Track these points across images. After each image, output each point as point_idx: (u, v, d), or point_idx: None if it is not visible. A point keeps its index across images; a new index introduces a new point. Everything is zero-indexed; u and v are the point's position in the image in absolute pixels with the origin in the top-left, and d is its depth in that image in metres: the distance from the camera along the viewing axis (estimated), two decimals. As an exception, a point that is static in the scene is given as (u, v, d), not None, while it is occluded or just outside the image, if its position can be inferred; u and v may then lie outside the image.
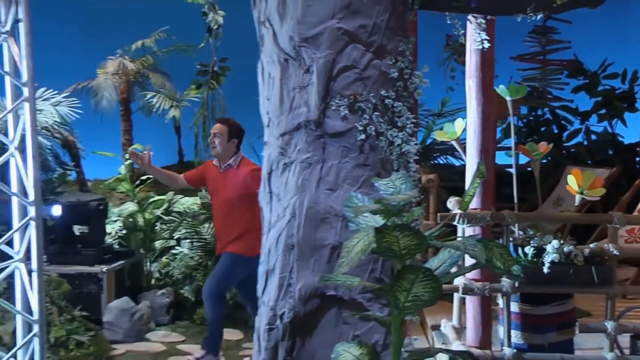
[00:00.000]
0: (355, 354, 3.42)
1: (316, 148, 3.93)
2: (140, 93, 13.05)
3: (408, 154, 3.92)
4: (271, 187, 4.16)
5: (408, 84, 3.96)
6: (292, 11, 3.96)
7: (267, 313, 4.03)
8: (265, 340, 4.03)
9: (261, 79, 4.31)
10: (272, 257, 4.06)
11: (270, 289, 4.05)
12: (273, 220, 4.11)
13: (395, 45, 3.95)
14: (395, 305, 3.23)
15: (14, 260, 5.21)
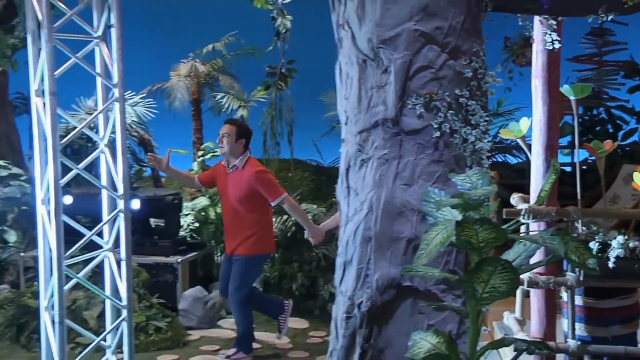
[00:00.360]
0: (432, 342, 3.39)
1: (393, 145, 3.89)
2: (210, 94, 13.15)
3: (481, 151, 3.87)
4: (349, 182, 4.13)
5: (481, 84, 3.91)
6: (371, 14, 3.93)
7: (345, 302, 4.01)
8: (343, 328, 4.02)
9: (339, 79, 4.27)
10: (350, 249, 4.03)
11: (348, 280, 4.03)
12: (350, 214, 4.08)
13: (469, 46, 3.90)
14: (473, 296, 3.20)
15: (103, 249, 5.28)
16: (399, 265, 3.83)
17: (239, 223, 6.84)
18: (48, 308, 5.23)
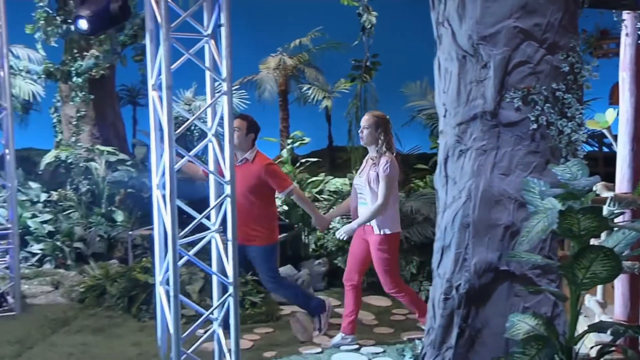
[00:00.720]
0: (531, 324, 3.36)
1: (491, 136, 3.88)
2: (296, 85, 13.22)
3: (576, 142, 3.82)
4: (447, 172, 4.13)
5: (578, 77, 3.86)
6: (471, 12, 3.91)
7: (443, 284, 4.01)
8: (441, 309, 4.02)
9: (437, 74, 4.26)
10: (448, 234, 4.04)
11: (446, 263, 4.03)
12: (448, 202, 4.08)
13: (566, 41, 3.85)
14: (573, 282, 3.16)
15: (211, 231, 5.37)
16: (496, 251, 3.82)
17: (250, 214, 6.68)
18: (162, 283, 5.37)
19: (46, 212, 10.28)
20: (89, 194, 10.41)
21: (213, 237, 5.42)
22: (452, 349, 3.95)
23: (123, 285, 8.12)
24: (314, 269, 8.96)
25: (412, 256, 8.62)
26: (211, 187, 5.48)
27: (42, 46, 10.37)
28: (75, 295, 8.54)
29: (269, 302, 8.01)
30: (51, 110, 11.67)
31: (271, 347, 6.86)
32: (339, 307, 8.22)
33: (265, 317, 7.75)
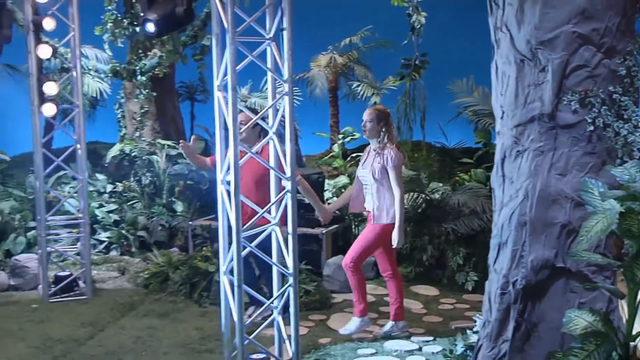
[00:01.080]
0: (588, 320, 3.30)
1: (548, 138, 3.82)
2: (346, 82, 13.20)
3: (632, 144, 3.73)
4: (504, 171, 4.07)
5: (634, 80, 3.78)
6: (530, 18, 3.84)
7: (499, 280, 3.97)
8: (497, 303, 3.98)
9: (495, 77, 4.20)
10: (505, 231, 3.99)
11: (503, 259, 3.98)
12: (505, 200, 4.02)
13: (624, 45, 3.77)
14: (632, 280, 3.11)
15: (272, 224, 5.38)
16: (552, 248, 3.77)
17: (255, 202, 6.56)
18: (226, 273, 5.39)
19: (112, 202, 10.41)
20: (151, 185, 10.52)
21: (273, 229, 5.45)
22: (509, 341, 3.90)
23: (185, 272, 8.17)
24: None
25: (458, 247, 8.53)
26: (272, 182, 5.49)
27: (109, 46, 10.52)
28: (140, 281, 8.64)
29: (322, 290, 8.01)
30: (116, 106, 11.82)
31: (326, 333, 6.86)
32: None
33: (319, 305, 7.72)
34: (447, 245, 8.69)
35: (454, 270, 8.48)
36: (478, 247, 8.48)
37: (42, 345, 6.49)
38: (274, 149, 5.41)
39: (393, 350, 6.34)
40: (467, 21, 11.19)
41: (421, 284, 8.58)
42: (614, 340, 3.20)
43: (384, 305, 7.75)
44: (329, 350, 6.36)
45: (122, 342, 6.58)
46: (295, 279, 5.31)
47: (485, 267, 8.20)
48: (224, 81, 5.24)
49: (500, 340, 3.96)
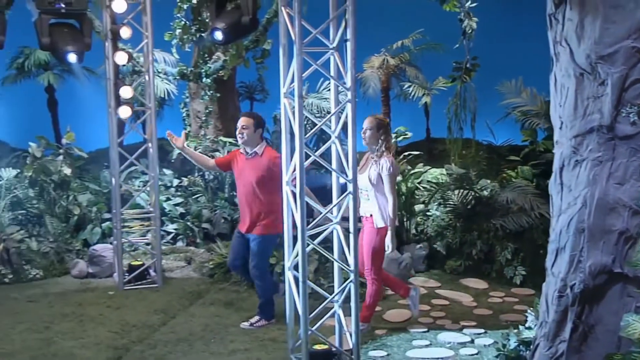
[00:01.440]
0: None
1: (607, 148, 3.78)
2: (397, 83, 13.15)
3: None
4: (562, 180, 4.03)
5: (691, 94, 3.68)
6: (590, 33, 3.79)
7: (557, 283, 3.94)
8: (555, 305, 3.95)
9: (554, 89, 4.16)
10: (563, 237, 3.95)
11: (561, 264, 3.95)
12: (564, 207, 3.99)
13: None
14: None
15: (333, 222, 5.41)
16: (610, 254, 3.74)
17: (256, 204, 6.53)
18: (290, 268, 5.46)
19: (178, 196, 10.54)
20: (214, 180, 10.62)
21: (335, 228, 5.48)
22: (566, 342, 3.88)
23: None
24: (415, 252, 8.88)
25: (507, 243, 8.47)
26: (333, 184, 5.52)
27: (177, 50, 10.67)
28: (205, 271, 8.74)
29: None
30: (181, 106, 11.96)
31: (382, 324, 6.87)
32: (439, 289, 8.20)
33: None
34: (495, 240, 8.63)
35: (502, 264, 8.42)
36: (526, 243, 8.44)
37: (120, 330, 6.66)
38: (336, 151, 5.44)
39: (446, 342, 6.35)
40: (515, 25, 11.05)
41: (470, 277, 8.52)
42: (673, 346, 3.18)
43: (435, 298, 7.79)
44: (385, 341, 6.40)
45: (192, 329, 6.73)
46: (356, 275, 5.33)
47: (532, 262, 8.22)
48: (290, 88, 5.30)
49: (557, 341, 3.93)
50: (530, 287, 8.08)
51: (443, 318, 7.12)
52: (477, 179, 9.70)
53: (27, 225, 9.21)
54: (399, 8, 10.61)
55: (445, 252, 8.96)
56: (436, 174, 10.59)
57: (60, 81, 14.92)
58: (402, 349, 6.17)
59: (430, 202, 9.42)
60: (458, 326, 6.82)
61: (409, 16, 11.08)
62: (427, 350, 6.18)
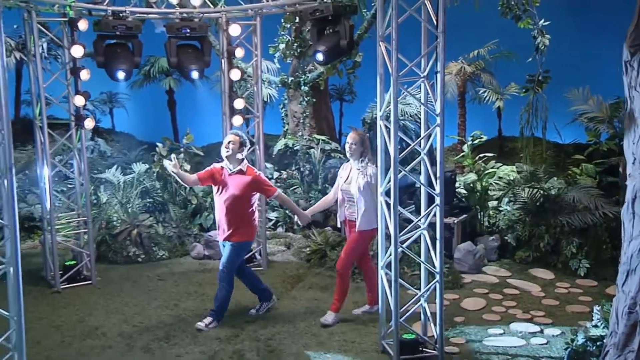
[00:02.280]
0: None
1: None
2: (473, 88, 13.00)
3: None
4: (634, 209, 4.00)
5: None
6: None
7: (627, 300, 3.95)
8: (625, 319, 3.96)
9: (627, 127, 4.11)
10: (634, 261, 3.94)
11: (631, 284, 3.95)
12: (635, 234, 3.97)
13: None
14: None
15: (421, 229, 5.53)
16: None
17: (236, 216, 6.34)
18: (383, 267, 5.62)
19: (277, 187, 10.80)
20: (309, 175, 10.83)
21: (422, 234, 5.60)
22: (634, 352, 3.88)
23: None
24: (488, 243, 8.87)
25: (572, 238, 8.33)
26: (422, 195, 5.62)
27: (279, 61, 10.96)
28: (303, 256, 8.92)
29: (453, 272, 8.01)
30: (281, 107, 12.22)
31: (459, 312, 6.88)
32: (509, 278, 8.14)
33: (452, 285, 7.71)
34: (561, 235, 8.50)
35: (567, 257, 8.30)
36: (590, 238, 8.29)
37: (235, 310, 6.86)
38: (425, 168, 5.53)
39: (518, 331, 6.32)
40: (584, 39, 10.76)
41: (538, 268, 8.43)
42: None
43: (506, 287, 7.74)
44: (463, 328, 6.41)
45: (296, 311, 6.89)
46: (441, 276, 5.44)
47: (596, 256, 8.13)
48: (386, 112, 5.41)
49: (626, 350, 3.93)
50: (593, 279, 7.96)
51: (514, 307, 7.03)
52: (545, 176, 9.57)
53: (154, 213, 9.69)
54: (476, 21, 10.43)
55: (515, 244, 8.88)
56: (507, 170, 10.50)
57: (178, 85, 15.56)
58: (479, 337, 6.17)
59: (502, 199, 9.35)
60: (528, 316, 6.75)
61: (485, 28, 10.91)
62: (501, 338, 6.15)
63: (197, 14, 7.68)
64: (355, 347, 5.90)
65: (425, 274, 5.72)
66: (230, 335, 6.21)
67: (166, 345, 6.04)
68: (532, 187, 9.16)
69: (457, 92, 12.73)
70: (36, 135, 7.56)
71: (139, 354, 5.85)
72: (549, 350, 5.87)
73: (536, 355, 5.78)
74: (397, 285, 5.33)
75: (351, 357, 5.67)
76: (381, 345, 5.74)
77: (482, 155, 10.00)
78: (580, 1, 12.21)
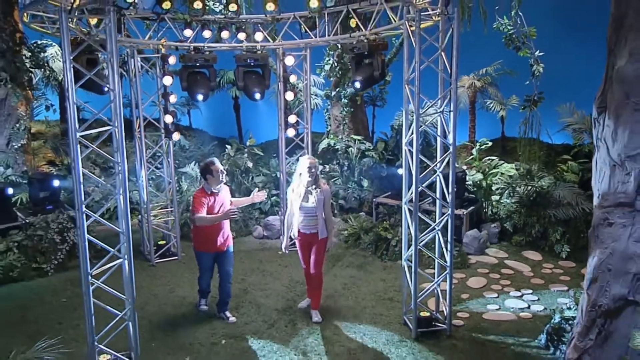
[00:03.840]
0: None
1: (629, 217, 4.02)
2: (482, 99, 13.14)
3: None
4: (598, 234, 4.26)
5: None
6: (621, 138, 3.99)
7: (590, 301, 4.27)
8: (586, 315, 4.29)
9: (595, 169, 4.36)
10: (596, 272, 4.25)
11: (593, 290, 4.26)
12: (598, 253, 4.25)
13: None
14: None
15: (435, 230, 5.93)
16: (627, 288, 4.05)
17: (227, 225, 6.21)
18: (405, 259, 6.06)
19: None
20: (347, 169, 11.14)
21: (437, 233, 6.01)
22: (592, 341, 4.24)
23: (372, 237, 8.69)
24: (490, 230, 9.13)
25: (557, 227, 8.58)
26: (437, 205, 6.03)
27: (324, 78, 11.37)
28: (341, 237, 9.15)
29: (462, 254, 8.27)
30: (325, 112, 12.58)
31: (465, 290, 7.15)
32: (506, 259, 8.34)
33: (460, 265, 7.97)
34: (549, 224, 8.73)
35: (552, 242, 8.57)
36: (571, 228, 8.55)
37: (288, 285, 7.28)
38: (440, 184, 5.93)
39: (510, 307, 6.61)
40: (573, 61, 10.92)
41: (529, 250, 8.65)
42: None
43: (503, 268, 7.97)
44: (468, 304, 6.74)
45: (336, 287, 7.23)
46: (451, 268, 5.83)
47: (575, 243, 8.42)
48: (409, 138, 5.79)
49: (587, 338, 4.29)
50: (572, 261, 8.17)
51: (509, 286, 7.30)
52: (538, 173, 9.79)
53: None
54: (484, 44, 10.66)
55: (512, 230, 9.12)
56: (508, 167, 10.70)
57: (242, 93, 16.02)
58: (479, 312, 6.47)
59: (503, 194, 9.62)
60: (519, 294, 6.99)
61: (492, 50, 11.09)
62: (497, 313, 6.46)
63: (260, 47, 8.04)
64: (382, 319, 6.31)
65: (438, 266, 6.14)
66: (286, 308, 6.64)
67: (237, 314, 6.51)
68: (527, 185, 9.40)
69: (469, 102, 12.91)
70: (135, 144, 8.16)
71: (217, 322, 6.32)
72: (534, 324, 6.16)
73: (523, 329, 6.08)
74: (416, 276, 5.75)
75: (379, 328, 6.11)
76: (403, 319, 6.19)
77: (488, 158, 10.26)
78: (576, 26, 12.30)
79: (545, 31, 9.01)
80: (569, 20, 12.69)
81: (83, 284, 4.99)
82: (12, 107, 10.45)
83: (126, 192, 5.05)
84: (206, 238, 6.12)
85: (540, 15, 8.78)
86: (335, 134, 11.99)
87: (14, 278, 7.60)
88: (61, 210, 8.59)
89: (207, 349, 5.80)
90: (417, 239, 5.69)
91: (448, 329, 5.93)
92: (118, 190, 5.05)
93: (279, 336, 6.02)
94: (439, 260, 6.00)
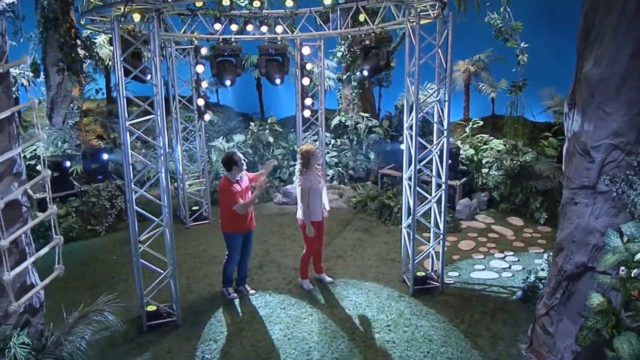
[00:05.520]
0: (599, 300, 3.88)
1: (591, 198, 4.17)
2: (476, 82, 13.18)
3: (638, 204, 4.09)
4: (565, 210, 4.45)
5: (644, 170, 4.07)
6: (586, 130, 4.14)
7: (557, 267, 4.50)
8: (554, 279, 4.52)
9: (565, 156, 4.51)
10: (562, 243, 4.44)
11: (560, 258, 4.46)
12: (565, 226, 4.45)
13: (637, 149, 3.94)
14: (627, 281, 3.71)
15: (432, 202, 6.22)
16: (587, 256, 4.26)
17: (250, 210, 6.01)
18: (405, 227, 6.36)
19: (334, 151, 11.24)
20: (357, 143, 11.29)
21: (432, 207, 6.27)
22: (558, 299, 4.49)
23: (377, 204, 8.94)
24: (480, 198, 9.33)
25: (537, 196, 8.80)
26: (433, 180, 6.28)
27: (336, 63, 11.51)
28: (350, 204, 9.41)
29: (455, 220, 8.49)
30: (337, 91, 12.71)
31: (456, 252, 7.38)
32: (493, 224, 8.48)
33: (453, 229, 8.20)
34: (530, 194, 8.91)
35: (533, 210, 8.80)
36: (549, 198, 8.75)
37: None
38: (436, 163, 6.18)
39: (494, 267, 6.85)
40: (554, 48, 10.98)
41: (513, 216, 8.83)
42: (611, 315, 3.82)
43: (490, 232, 8.16)
44: (458, 264, 6.99)
45: (345, 248, 7.49)
46: (444, 234, 6.12)
47: (552, 210, 8.67)
48: (409, 123, 6.03)
49: (553, 297, 4.55)
50: (549, 226, 8.34)
51: (494, 248, 7.54)
52: (522, 148, 9.93)
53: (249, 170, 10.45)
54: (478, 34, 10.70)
55: (499, 199, 9.32)
56: (497, 142, 10.85)
57: (264, 75, 16.20)
58: (468, 271, 6.74)
59: (492, 167, 9.81)
60: (502, 255, 7.24)
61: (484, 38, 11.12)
62: (482, 272, 6.72)
63: (280, 38, 8.18)
64: (385, 277, 6.63)
65: (434, 233, 6.43)
66: (301, 266, 6.98)
67: (260, 272, 6.85)
68: (512, 159, 9.57)
69: (464, 84, 12.99)
70: (172, 124, 8.49)
71: (245, 277, 6.66)
72: (513, 282, 6.44)
73: (504, 285, 6.36)
74: (414, 242, 6.06)
75: (382, 285, 6.44)
76: (402, 278, 6.51)
77: (480, 135, 10.43)
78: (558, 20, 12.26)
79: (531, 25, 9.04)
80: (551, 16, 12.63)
81: (133, 248, 5.38)
82: (67, 91, 10.86)
83: (167, 172, 5.39)
84: (239, 219, 5.84)
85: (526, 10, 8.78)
86: (345, 111, 12.14)
87: (73, 238, 8.06)
88: (110, 180, 9.01)
89: (237, 300, 6.18)
90: (415, 211, 5.99)
91: (440, 287, 6.22)
92: (160, 169, 5.39)
93: (297, 291, 6.35)
94: (434, 228, 6.30)
